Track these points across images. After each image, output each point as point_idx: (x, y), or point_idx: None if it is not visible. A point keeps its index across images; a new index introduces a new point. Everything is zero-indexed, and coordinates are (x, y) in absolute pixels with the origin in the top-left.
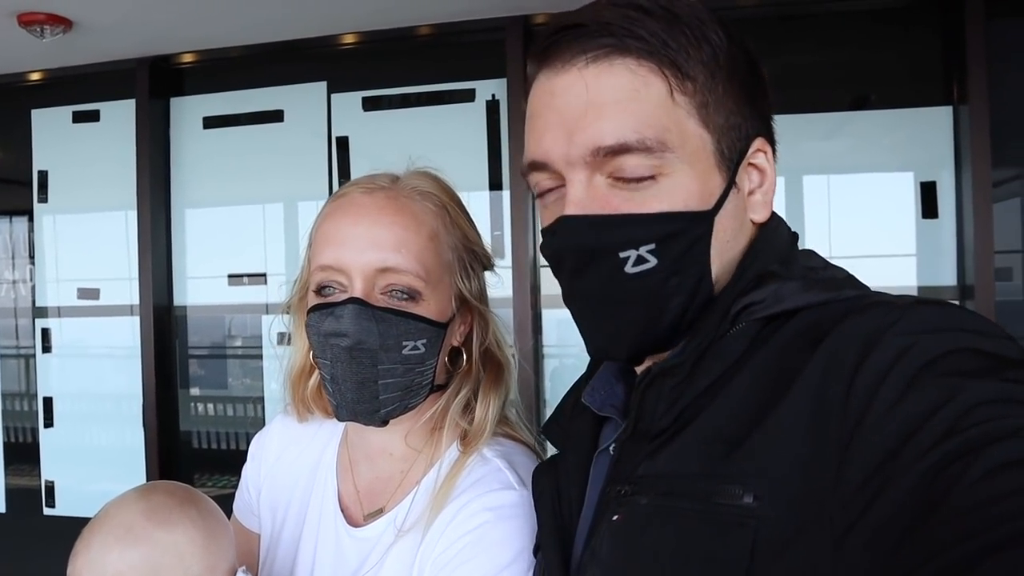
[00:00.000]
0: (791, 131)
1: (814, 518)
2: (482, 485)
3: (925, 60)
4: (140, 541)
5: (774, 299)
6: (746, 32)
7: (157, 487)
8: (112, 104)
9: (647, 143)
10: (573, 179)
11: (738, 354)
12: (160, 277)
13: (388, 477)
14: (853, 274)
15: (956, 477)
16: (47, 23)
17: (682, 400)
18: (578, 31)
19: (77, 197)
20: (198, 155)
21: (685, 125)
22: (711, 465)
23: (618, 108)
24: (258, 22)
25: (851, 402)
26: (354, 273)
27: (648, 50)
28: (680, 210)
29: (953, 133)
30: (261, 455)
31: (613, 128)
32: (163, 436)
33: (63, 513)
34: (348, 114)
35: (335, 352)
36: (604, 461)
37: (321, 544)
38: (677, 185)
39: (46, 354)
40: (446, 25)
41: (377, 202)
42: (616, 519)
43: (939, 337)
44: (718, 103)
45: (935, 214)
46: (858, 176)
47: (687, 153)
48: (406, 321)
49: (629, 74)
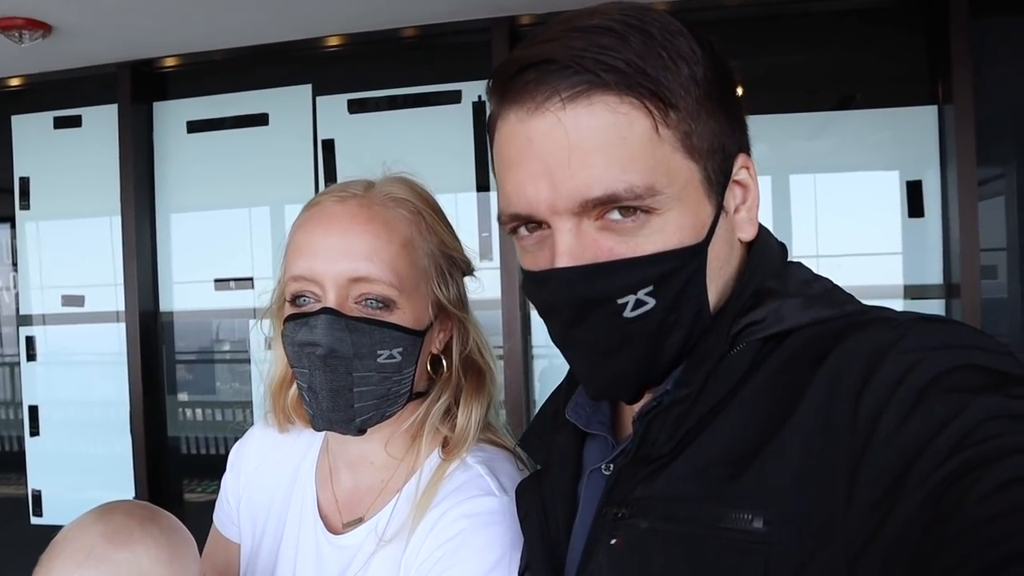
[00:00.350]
0: (777, 131)
1: (826, 540)
2: (462, 492)
3: (910, 59)
4: (101, 563)
5: (775, 318)
6: (731, 32)
7: (116, 508)
8: (94, 109)
9: (636, 191)
10: (561, 227)
11: (739, 376)
12: (145, 283)
13: (368, 486)
14: (839, 286)
15: (965, 493)
16: (25, 28)
17: (685, 425)
18: (549, 67)
19: (60, 203)
20: (182, 160)
21: (672, 161)
22: (716, 489)
23: (603, 154)
24: (242, 25)
25: (858, 421)
26: (327, 283)
27: (627, 83)
28: (674, 248)
29: (938, 132)
30: (240, 464)
31: (600, 177)
32: (150, 442)
33: (50, 522)
34: (334, 117)
35: (311, 361)
36: (597, 481)
37: (302, 552)
38: (669, 222)
39: (31, 362)
40: (431, 27)
41: (349, 211)
42: (615, 543)
43: (944, 354)
44: (702, 129)
45: (921, 213)
46: (844, 175)
47: (676, 190)
48: (380, 330)
49: (610, 113)
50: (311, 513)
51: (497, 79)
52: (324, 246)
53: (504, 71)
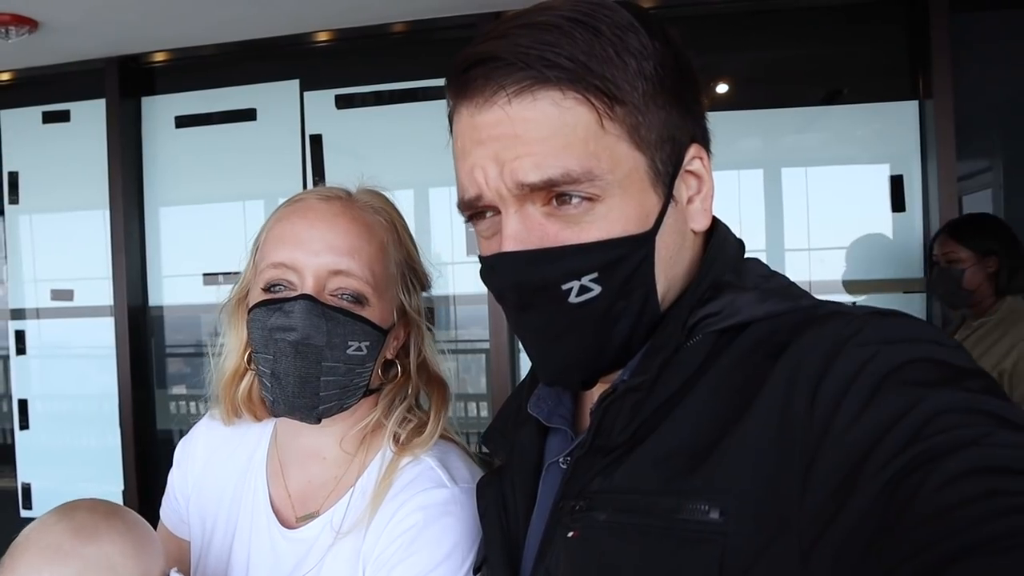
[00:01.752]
0: (768, 125)
1: (781, 531)
2: (415, 485)
3: (892, 54)
4: (70, 559)
5: (731, 310)
6: (718, 28)
7: (78, 506)
8: (82, 104)
9: (573, 175)
10: (508, 212)
11: (696, 367)
12: (134, 277)
13: (321, 482)
14: (795, 283)
15: (918, 485)
16: (11, 24)
17: (640, 415)
18: (495, 64)
19: (49, 198)
20: (171, 154)
21: (616, 150)
22: (673, 481)
23: (545, 144)
24: (229, 20)
25: (815, 413)
26: (307, 272)
27: (570, 79)
28: (618, 236)
29: (919, 127)
30: (187, 463)
31: (540, 164)
32: (139, 436)
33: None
34: (322, 112)
35: (279, 347)
36: (555, 474)
37: (255, 547)
38: (612, 210)
39: (21, 356)
40: (419, 22)
41: (333, 208)
42: (572, 536)
43: (899, 348)
44: (651, 120)
45: (903, 207)
46: (834, 169)
47: (619, 178)
48: (353, 322)
49: (554, 107)
50: (263, 508)
51: (450, 75)
52: (308, 237)
53: (455, 68)
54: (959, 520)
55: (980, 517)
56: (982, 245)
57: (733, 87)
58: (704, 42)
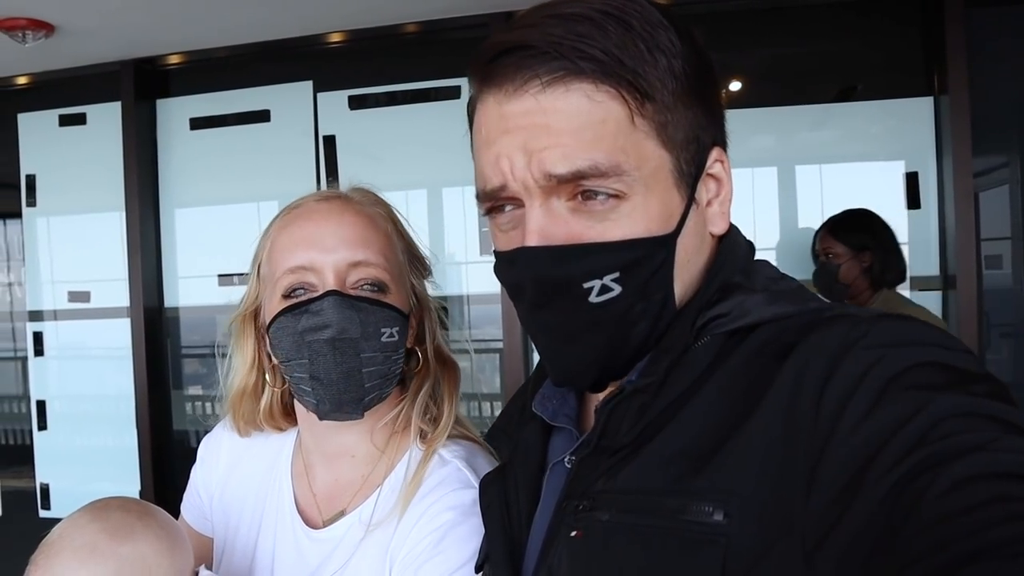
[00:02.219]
0: (782, 122)
1: (785, 534)
2: (445, 486)
3: (907, 51)
4: (107, 558)
5: (740, 312)
6: (732, 25)
7: (110, 504)
8: (98, 107)
9: (601, 168)
10: (533, 205)
11: (703, 368)
12: (150, 278)
13: (348, 481)
14: (804, 285)
15: (924, 490)
16: (28, 28)
17: (647, 416)
18: (527, 52)
19: (66, 200)
20: (185, 156)
21: (644, 148)
22: (677, 482)
23: (575, 136)
24: (243, 22)
25: (821, 416)
26: (326, 269)
27: (604, 71)
28: (642, 236)
29: (935, 123)
30: (212, 460)
31: (569, 155)
32: (156, 436)
33: (58, 515)
34: (334, 113)
35: (315, 348)
36: (559, 474)
37: (280, 547)
38: (637, 209)
39: (39, 357)
40: (431, 23)
41: (334, 207)
42: (575, 535)
43: (905, 351)
44: (678, 119)
45: (918, 204)
46: (849, 166)
47: (645, 176)
48: (381, 309)
49: (586, 100)
50: (288, 508)
51: (476, 63)
52: (319, 236)
53: (483, 56)
54: (965, 525)
55: (987, 522)
56: (857, 241)
57: (746, 84)
58: (717, 39)
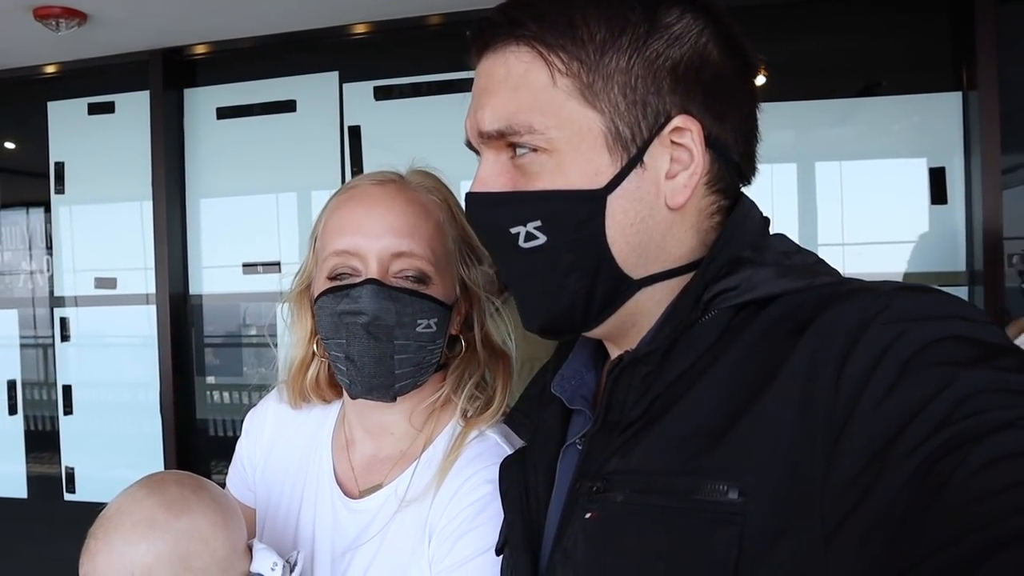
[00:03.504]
0: (803, 118)
1: (803, 513)
2: (483, 459)
3: (935, 46)
4: (166, 532)
5: (748, 286)
6: (755, 19)
7: (166, 479)
8: (127, 96)
9: (515, 127)
10: (483, 157)
11: (711, 342)
12: (176, 266)
13: (386, 455)
14: (823, 259)
15: (952, 470)
16: (62, 16)
17: (653, 390)
18: (485, 24)
19: (93, 188)
20: (212, 145)
21: (565, 107)
22: (692, 460)
23: (500, 96)
24: (270, 12)
25: (840, 393)
26: (370, 257)
27: (532, 36)
28: (561, 188)
29: (963, 119)
30: (257, 433)
31: (490, 115)
32: (180, 423)
33: (83, 499)
34: (360, 103)
35: (351, 330)
36: (572, 455)
37: (320, 518)
38: (562, 164)
39: (64, 343)
40: (457, 14)
41: (389, 192)
42: (590, 517)
43: (927, 325)
44: (609, 81)
45: (944, 200)
46: (870, 163)
47: (569, 134)
48: (419, 300)
49: (514, 61)
50: (328, 480)
51: None
52: (367, 222)
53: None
54: (996, 508)
55: (1019, 505)
56: None
57: (769, 78)
58: None
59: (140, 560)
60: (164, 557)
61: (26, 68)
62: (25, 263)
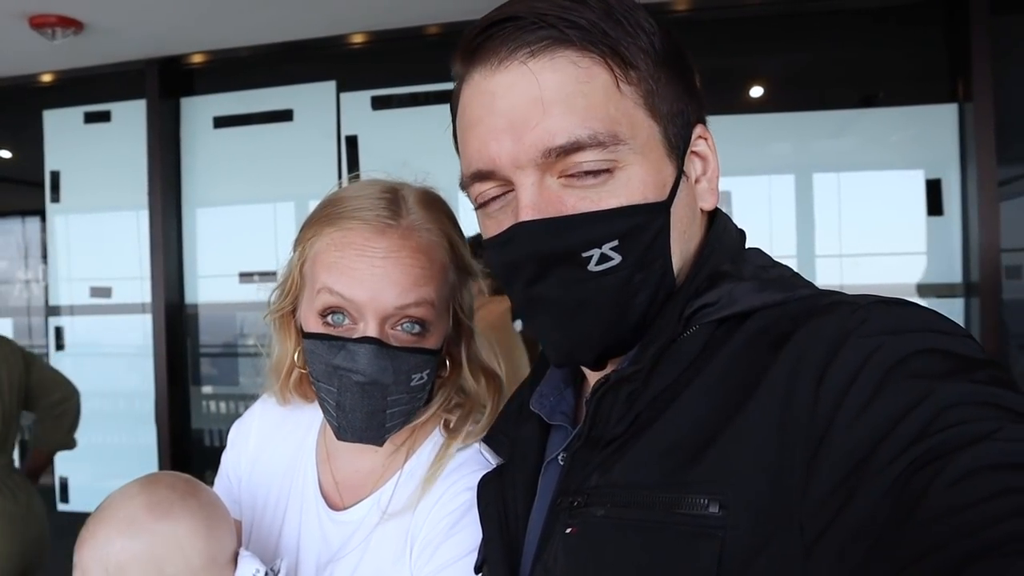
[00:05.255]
0: (800, 129)
1: (783, 526)
2: (465, 468)
3: (930, 57)
4: (142, 533)
5: (728, 300)
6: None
7: (160, 480)
8: (123, 104)
9: (599, 138)
10: (524, 183)
11: (693, 357)
12: (171, 275)
13: (369, 470)
14: (799, 272)
15: (929, 481)
16: (58, 25)
17: (636, 406)
18: (514, 24)
19: (89, 197)
20: (209, 155)
21: (634, 115)
22: (672, 474)
23: (566, 104)
24: (268, 22)
25: (819, 406)
26: (370, 314)
27: (589, 40)
28: (639, 202)
29: (959, 130)
30: (242, 444)
31: (563, 126)
32: (175, 433)
33: (77, 508)
34: (357, 113)
35: (344, 383)
36: (553, 472)
37: (305, 530)
38: (632, 177)
39: (59, 352)
40: (454, 24)
41: (392, 245)
42: (570, 532)
43: (905, 338)
44: (662, 91)
45: (940, 211)
46: (867, 174)
47: (639, 144)
48: (416, 356)
49: (573, 67)
50: (312, 492)
51: (463, 43)
52: (370, 276)
53: (470, 34)
54: (973, 519)
55: (995, 516)
56: None
57: (766, 89)
58: (737, 44)
59: (115, 557)
60: (138, 558)
61: (22, 76)
62: (20, 272)
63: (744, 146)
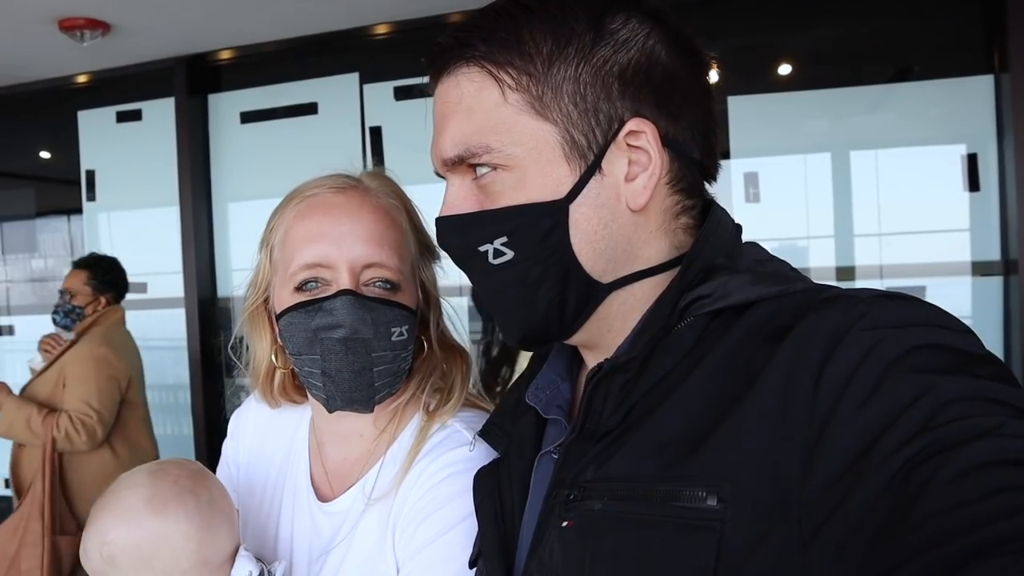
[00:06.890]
0: (836, 105)
1: (781, 520)
2: (443, 446)
3: (965, 28)
4: (136, 527)
5: (723, 292)
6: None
7: (167, 473)
8: (153, 103)
9: (473, 149)
10: (451, 181)
11: (688, 349)
12: (203, 269)
13: (356, 458)
14: (796, 268)
15: (929, 477)
16: (86, 27)
17: (630, 398)
18: (439, 47)
19: (123, 195)
20: (237, 150)
21: (518, 122)
22: (670, 467)
23: (455, 120)
24: (291, 15)
25: (819, 400)
26: (342, 268)
27: (481, 55)
28: (523, 203)
29: (995, 103)
30: (240, 434)
31: (451, 140)
32: (210, 424)
33: None
34: (381, 104)
35: (327, 345)
36: (547, 464)
37: (297, 522)
38: (522, 180)
39: None
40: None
41: (352, 200)
42: (566, 526)
43: (906, 332)
44: (558, 92)
45: (978, 187)
46: (903, 150)
47: (526, 149)
48: (392, 309)
49: (466, 83)
50: (304, 484)
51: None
52: (337, 233)
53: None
54: (974, 516)
55: (996, 513)
56: None
57: (798, 67)
58: (768, 21)
59: (108, 543)
60: (128, 549)
61: (56, 79)
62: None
63: (777, 126)
